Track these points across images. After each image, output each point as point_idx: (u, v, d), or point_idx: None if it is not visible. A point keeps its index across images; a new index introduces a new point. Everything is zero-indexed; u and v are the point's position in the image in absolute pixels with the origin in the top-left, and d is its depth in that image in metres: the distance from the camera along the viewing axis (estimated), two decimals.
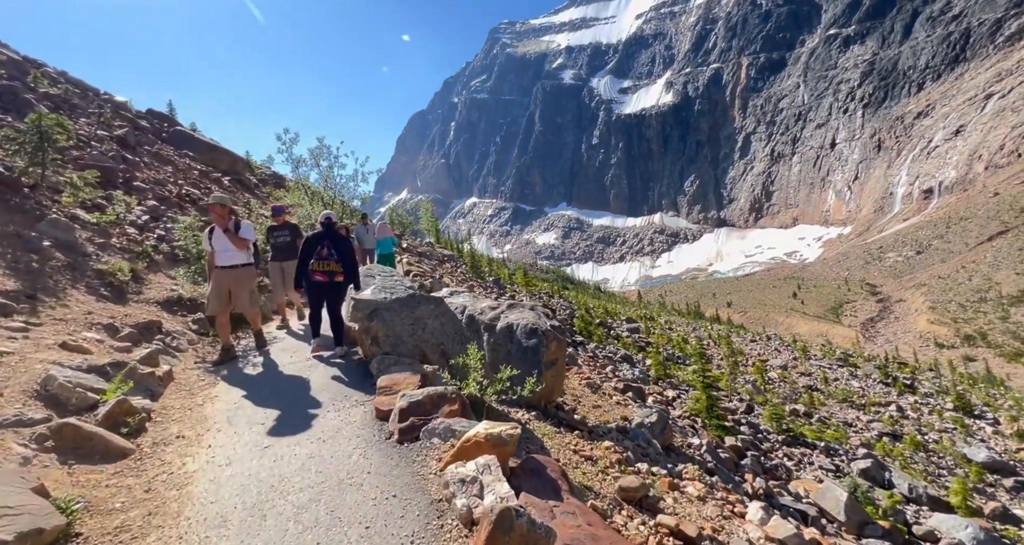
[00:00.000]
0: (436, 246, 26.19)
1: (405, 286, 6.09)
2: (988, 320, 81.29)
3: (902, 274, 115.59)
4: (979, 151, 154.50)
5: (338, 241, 5.47)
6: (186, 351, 5.44)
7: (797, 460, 9.38)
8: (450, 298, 5.81)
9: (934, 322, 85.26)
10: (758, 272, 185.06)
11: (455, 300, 5.71)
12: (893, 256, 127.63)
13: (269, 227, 7.02)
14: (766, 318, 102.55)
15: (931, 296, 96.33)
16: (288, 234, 6.88)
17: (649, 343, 22.92)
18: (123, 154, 9.66)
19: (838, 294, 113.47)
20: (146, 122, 14.81)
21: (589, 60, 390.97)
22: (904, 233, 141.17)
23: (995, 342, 74.21)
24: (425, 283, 9.61)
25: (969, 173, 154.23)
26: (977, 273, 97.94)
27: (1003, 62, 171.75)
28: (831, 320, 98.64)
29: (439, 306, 4.84)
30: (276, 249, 6.78)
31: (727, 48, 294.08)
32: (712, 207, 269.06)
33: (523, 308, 5.25)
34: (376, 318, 4.47)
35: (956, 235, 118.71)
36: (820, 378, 22.10)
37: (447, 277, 13.96)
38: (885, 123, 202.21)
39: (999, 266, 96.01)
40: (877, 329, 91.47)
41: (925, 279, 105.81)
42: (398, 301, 4.54)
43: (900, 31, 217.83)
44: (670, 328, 37.10)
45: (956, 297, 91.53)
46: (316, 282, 5.40)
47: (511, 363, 4.49)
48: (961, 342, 77.20)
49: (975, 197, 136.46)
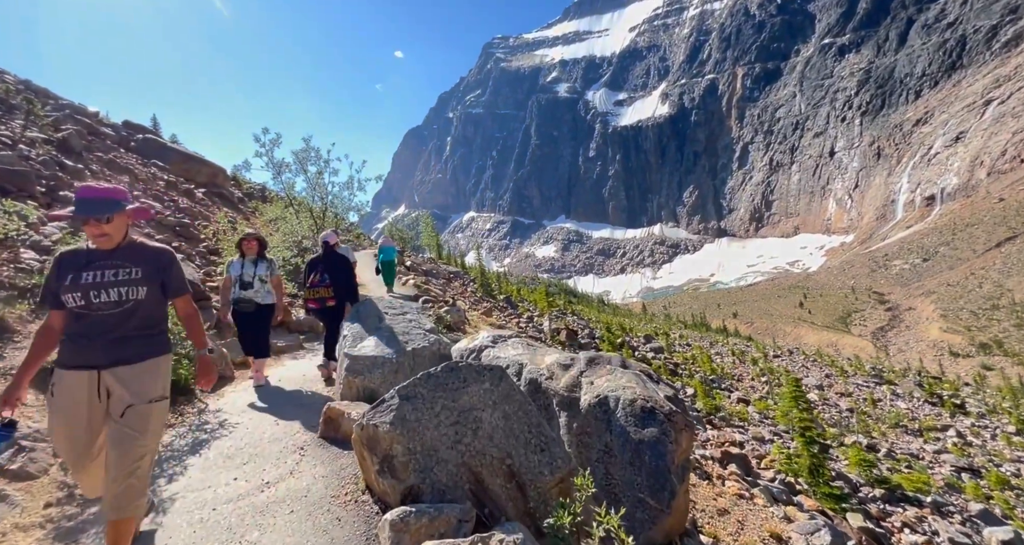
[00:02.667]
0: (439, 262, 24.42)
1: (425, 330, 4.22)
2: (1003, 328, 79.27)
3: (909, 282, 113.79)
4: (981, 157, 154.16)
5: (333, 263, 5.39)
6: (39, 479, 2.83)
7: (912, 526, 7.32)
8: (495, 349, 4.03)
9: (947, 330, 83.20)
10: (761, 282, 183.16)
11: (504, 354, 3.98)
12: (899, 264, 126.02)
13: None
14: (774, 328, 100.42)
15: (941, 304, 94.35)
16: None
17: (677, 364, 20.94)
18: (60, 159, 7.87)
19: (845, 303, 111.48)
20: (110, 130, 13.06)
21: (584, 73, 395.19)
22: (909, 240, 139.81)
23: (1012, 350, 72.09)
24: (444, 314, 7.72)
25: (972, 179, 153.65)
26: (987, 280, 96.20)
27: (1001, 68, 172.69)
28: (840, 329, 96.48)
29: (499, 384, 2.54)
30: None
31: (722, 59, 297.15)
32: (712, 217, 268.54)
33: (612, 366, 3.45)
34: (390, 416, 2.33)
35: (963, 242, 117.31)
36: (868, 400, 20.07)
37: (461, 300, 12.08)
38: (884, 131, 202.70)
39: (1010, 272, 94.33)
40: (888, 338, 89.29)
41: (934, 287, 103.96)
42: (430, 382, 2.43)
43: (895, 39, 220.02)
44: (688, 344, 35.10)
45: (968, 304, 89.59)
46: (310, 309, 5.46)
47: (611, 466, 2.65)
48: (977, 351, 75.12)
49: (980, 203, 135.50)
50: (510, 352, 4.07)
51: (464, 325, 8.12)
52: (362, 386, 3.94)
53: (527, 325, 15.11)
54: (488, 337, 4.54)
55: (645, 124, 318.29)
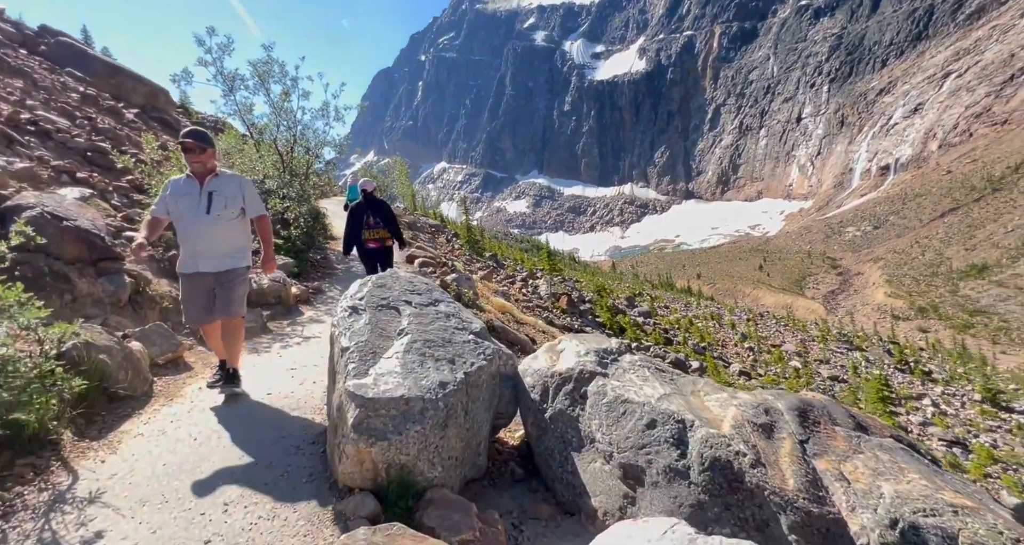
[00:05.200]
0: (418, 214, 22.41)
1: (472, 332, 2.71)
2: (939, 293, 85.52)
3: (860, 248, 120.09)
4: (934, 129, 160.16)
5: (378, 208, 5.86)
6: None
7: None
8: (611, 380, 2.64)
9: (890, 295, 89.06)
10: (724, 244, 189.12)
11: (631, 391, 2.49)
12: (852, 230, 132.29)
13: None
14: (735, 290, 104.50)
15: (887, 270, 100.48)
16: None
17: (666, 330, 20.39)
18: None
19: (801, 267, 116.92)
20: (10, 27, 10.08)
21: (562, 21, 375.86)
22: (862, 208, 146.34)
23: (946, 314, 78.16)
24: (451, 284, 6.17)
25: (924, 151, 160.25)
26: (930, 248, 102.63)
27: (962, 41, 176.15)
28: (796, 292, 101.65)
29: None
30: None
31: (700, 15, 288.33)
32: (681, 179, 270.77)
33: (858, 439, 1.97)
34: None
35: (911, 211, 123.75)
36: (849, 369, 20.34)
37: (458, 262, 10.45)
38: (849, 99, 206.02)
39: (950, 242, 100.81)
40: (838, 301, 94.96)
41: (882, 253, 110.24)
42: None
43: (868, 5, 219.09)
44: (666, 306, 35.10)
45: (911, 271, 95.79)
46: (371, 249, 5.87)
47: None
48: (916, 314, 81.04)
49: (929, 174, 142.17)
50: (643, 389, 2.41)
51: (477, 300, 6.64)
52: (384, 461, 2.24)
53: (521, 287, 13.76)
54: (584, 352, 2.88)
55: (621, 80, 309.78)
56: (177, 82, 7.00)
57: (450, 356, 2.59)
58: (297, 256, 7.87)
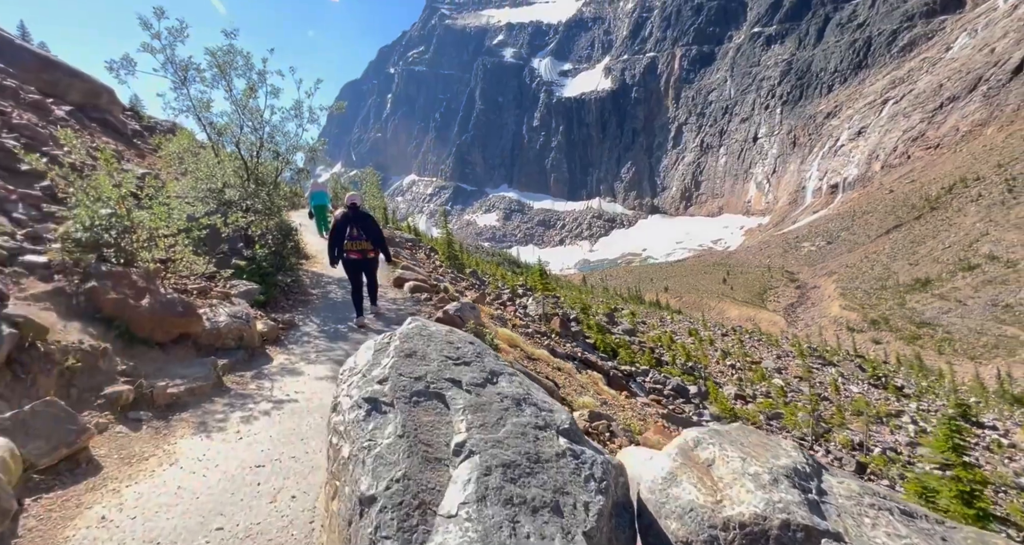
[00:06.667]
0: (392, 227, 21.18)
1: (561, 433, 1.83)
2: (889, 306, 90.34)
3: (816, 262, 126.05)
4: (877, 151, 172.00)
5: (362, 220, 6.10)
6: None
7: None
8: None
9: (845, 308, 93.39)
10: (689, 258, 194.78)
11: None
12: (808, 245, 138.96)
13: None
14: (701, 303, 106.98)
15: (841, 283, 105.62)
16: None
17: (652, 349, 19.77)
18: None
19: (762, 280, 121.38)
20: None
21: (530, 39, 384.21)
22: (816, 224, 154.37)
23: (895, 326, 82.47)
24: (456, 316, 5.11)
25: (868, 171, 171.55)
26: (878, 263, 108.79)
27: (897, 71, 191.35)
28: (758, 305, 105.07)
29: None
30: None
31: (662, 37, 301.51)
32: (647, 194, 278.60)
33: None
34: None
35: (860, 227, 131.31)
36: (831, 386, 20.27)
37: (451, 285, 9.33)
38: (800, 121, 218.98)
39: (896, 257, 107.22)
40: (797, 314, 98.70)
41: (835, 268, 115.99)
42: None
43: (814, 34, 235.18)
44: (643, 322, 34.81)
45: (862, 284, 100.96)
46: (352, 260, 6.13)
47: None
48: (868, 326, 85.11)
49: (874, 193, 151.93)
50: None
51: (494, 339, 5.61)
52: None
53: (515, 311, 12.75)
54: (771, 481, 1.62)
55: (588, 97, 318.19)
56: (115, 70, 5.66)
57: (550, 498, 1.39)
58: (263, 280, 6.63)
